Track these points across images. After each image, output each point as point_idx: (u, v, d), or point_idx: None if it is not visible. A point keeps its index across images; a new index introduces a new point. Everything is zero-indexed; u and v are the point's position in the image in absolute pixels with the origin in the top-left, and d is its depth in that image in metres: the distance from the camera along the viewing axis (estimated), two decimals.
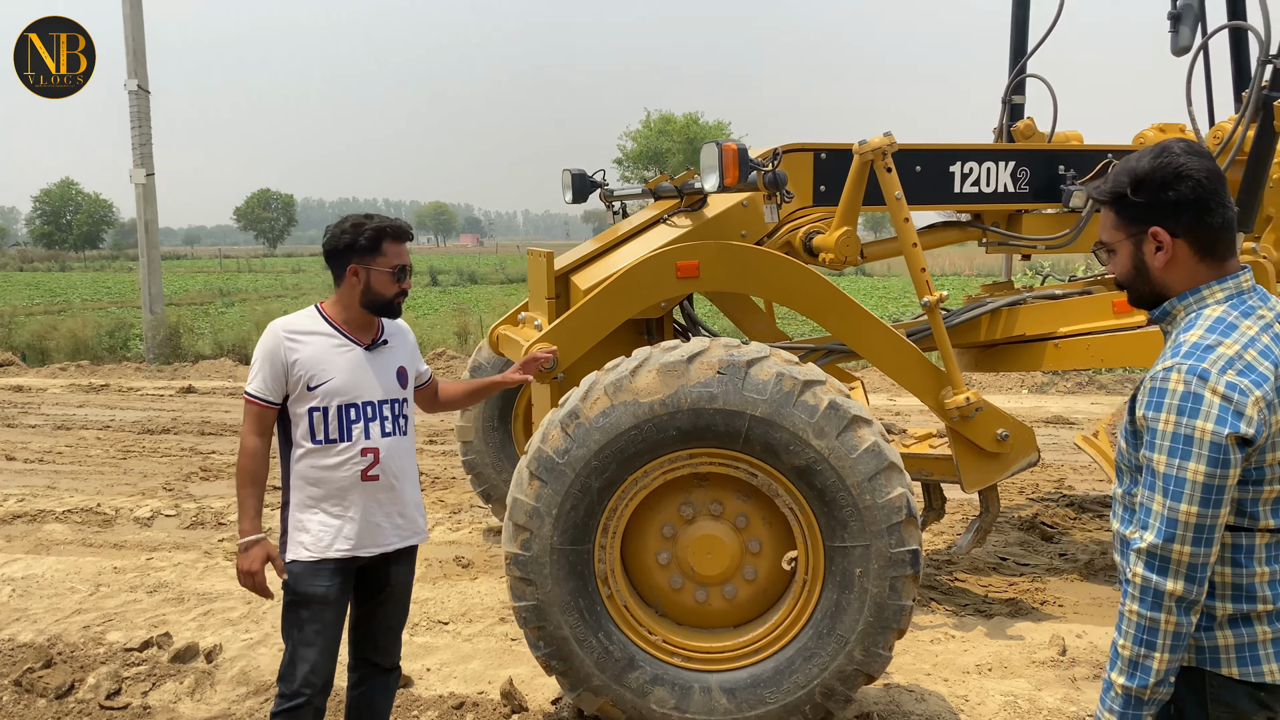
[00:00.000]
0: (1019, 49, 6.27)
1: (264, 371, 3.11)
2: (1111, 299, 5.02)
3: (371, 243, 3.14)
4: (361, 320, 3.22)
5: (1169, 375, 1.91)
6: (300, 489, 3.14)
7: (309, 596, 3.12)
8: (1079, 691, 4.03)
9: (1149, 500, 1.94)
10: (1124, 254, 2.07)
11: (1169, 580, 1.90)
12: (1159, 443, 1.91)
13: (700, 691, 3.63)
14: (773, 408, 3.47)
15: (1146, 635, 1.93)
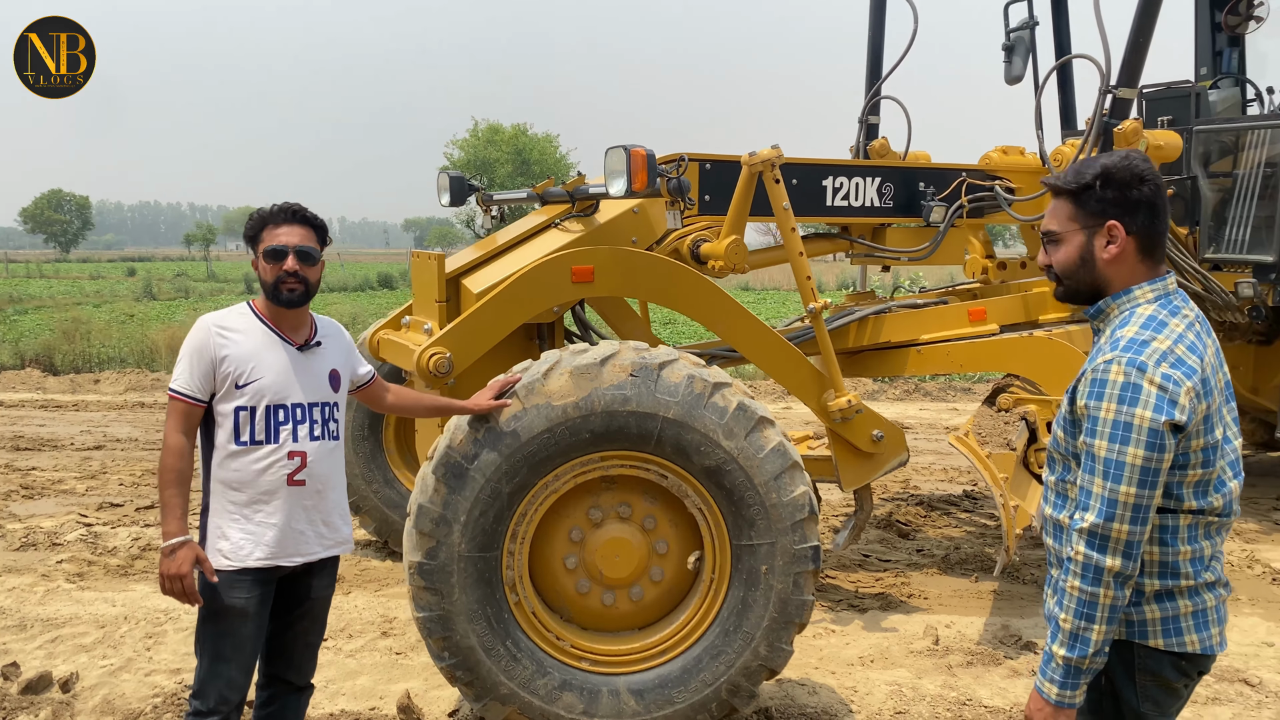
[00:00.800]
0: (874, 71, 6.61)
1: (192, 367, 2.93)
2: (968, 308, 5.35)
3: (255, 230, 3.04)
4: (287, 317, 3.06)
5: (1109, 367, 2.07)
6: (221, 494, 2.97)
7: (227, 609, 2.95)
8: (955, 678, 4.27)
9: (1089, 483, 2.09)
10: (1073, 245, 2.21)
11: (1108, 557, 2.05)
12: (1100, 429, 2.07)
13: (609, 695, 3.63)
14: (684, 409, 3.52)
15: (1087, 609, 2.08)
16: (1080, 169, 2.22)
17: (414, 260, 4.67)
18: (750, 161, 4.36)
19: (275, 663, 3.21)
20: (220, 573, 2.93)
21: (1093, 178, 2.17)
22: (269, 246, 2.99)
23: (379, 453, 5.65)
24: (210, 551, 2.96)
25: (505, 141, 49.08)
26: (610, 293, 4.45)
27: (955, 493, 7.28)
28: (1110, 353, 2.09)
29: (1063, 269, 2.25)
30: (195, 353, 2.94)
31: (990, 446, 4.66)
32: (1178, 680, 2.20)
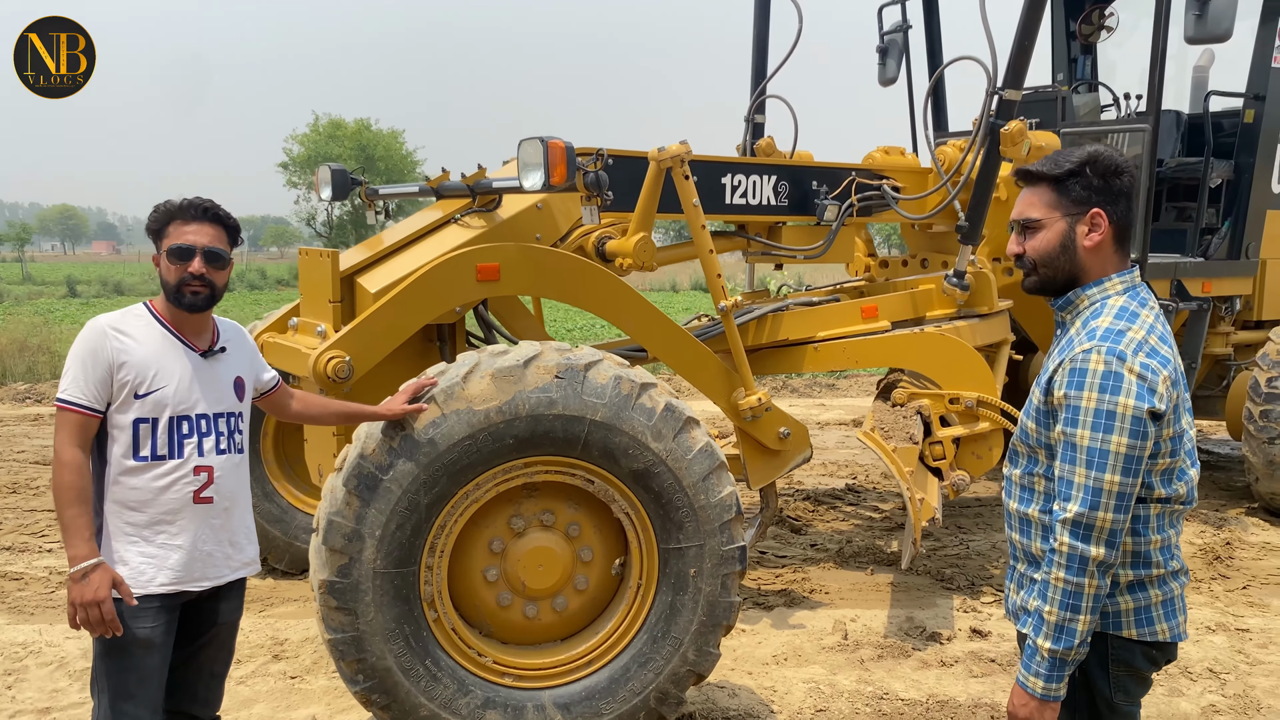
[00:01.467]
0: (759, 71, 6.64)
1: (85, 374, 2.65)
2: (860, 306, 5.41)
3: (158, 224, 2.79)
4: (190, 321, 2.80)
5: (1089, 356, 2.07)
6: (117, 514, 2.70)
7: (130, 641, 2.67)
8: (869, 672, 4.29)
9: (1069, 473, 2.09)
10: (1054, 231, 2.20)
11: (1093, 546, 2.05)
12: (1082, 419, 2.06)
13: (534, 710, 3.48)
14: (612, 411, 3.40)
15: (1072, 600, 2.08)
16: (1058, 159, 2.22)
17: (302, 258, 4.39)
18: (659, 157, 4.27)
19: (177, 696, 2.92)
20: (119, 602, 2.64)
21: (1078, 165, 2.17)
22: (175, 244, 2.74)
23: (257, 464, 5.29)
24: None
25: (348, 137, 47.62)
26: (517, 291, 4.30)
27: (838, 487, 7.40)
28: (1088, 342, 2.09)
29: (1041, 256, 2.23)
30: (88, 358, 2.66)
31: (894, 441, 4.72)
32: (1148, 669, 2.23)
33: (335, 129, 48.16)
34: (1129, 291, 2.19)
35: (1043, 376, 2.22)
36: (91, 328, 2.71)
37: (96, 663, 2.73)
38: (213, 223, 2.80)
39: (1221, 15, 5.39)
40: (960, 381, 5.13)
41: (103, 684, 2.72)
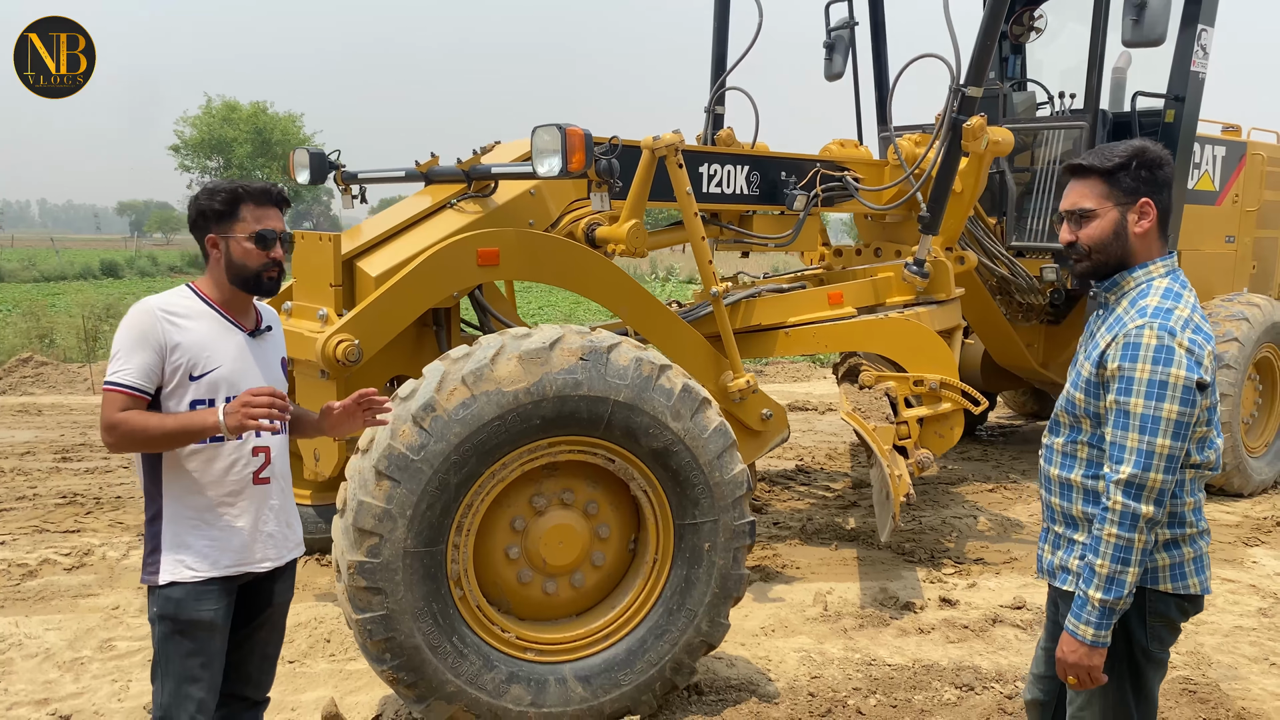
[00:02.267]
0: (719, 62, 6.79)
1: (137, 356, 2.61)
2: (827, 293, 5.62)
3: (227, 206, 2.74)
4: (239, 302, 2.79)
5: (1142, 332, 2.27)
6: (178, 499, 2.67)
7: (195, 623, 2.66)
8: (853, 640, 4.51)
9: (1122, 438, 2.28)
10: (1107, 220, 2.39)
11: (1144, 505, 2.25)
12: (1136, 388, 2.26)
13: (556, 683, 3.58)
14: (634, 392, 3.51)
15: (1123, 554, 2.28)
16: (1105, 152, 2.41)
17: (300, 242, 4.36)
18: (654, 145, 4.39)
19: (231, 678, 2.89)
20: (185, 585, 2.65)
21: (1127, 159, 2.37)
22: (259, 230, 2.73)
23: None
24: (170, 563, 2.64)
25: (243, 120, 46.25)
26: (515, 276, 4.37)
27: (788, 468, 7.64)
28: (1140, 319, 2.29)
29: (1095, 243, 2.41)
30: (140, 340, 2.62)
31: (873, 420, 4.94)
32: (1180, 620, 2.46)
33: (230, 111, 46.70)
34: (1171, 274, 2.41)
35: (1093, 352, 2.41)
36: (140, 310, 2.67)
37: (160, 647, 2.70)
38: (279, 206, 2.82)
39: (1156, 20, 5.75)
40: (923, 364, 5.39)
41: (168, 668, 2.69)
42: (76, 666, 4.10)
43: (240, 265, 2.73)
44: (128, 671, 4.08)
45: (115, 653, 4.23)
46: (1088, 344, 2.50)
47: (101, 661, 4.16)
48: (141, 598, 4.81)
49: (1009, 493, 7.05)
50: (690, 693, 3.94)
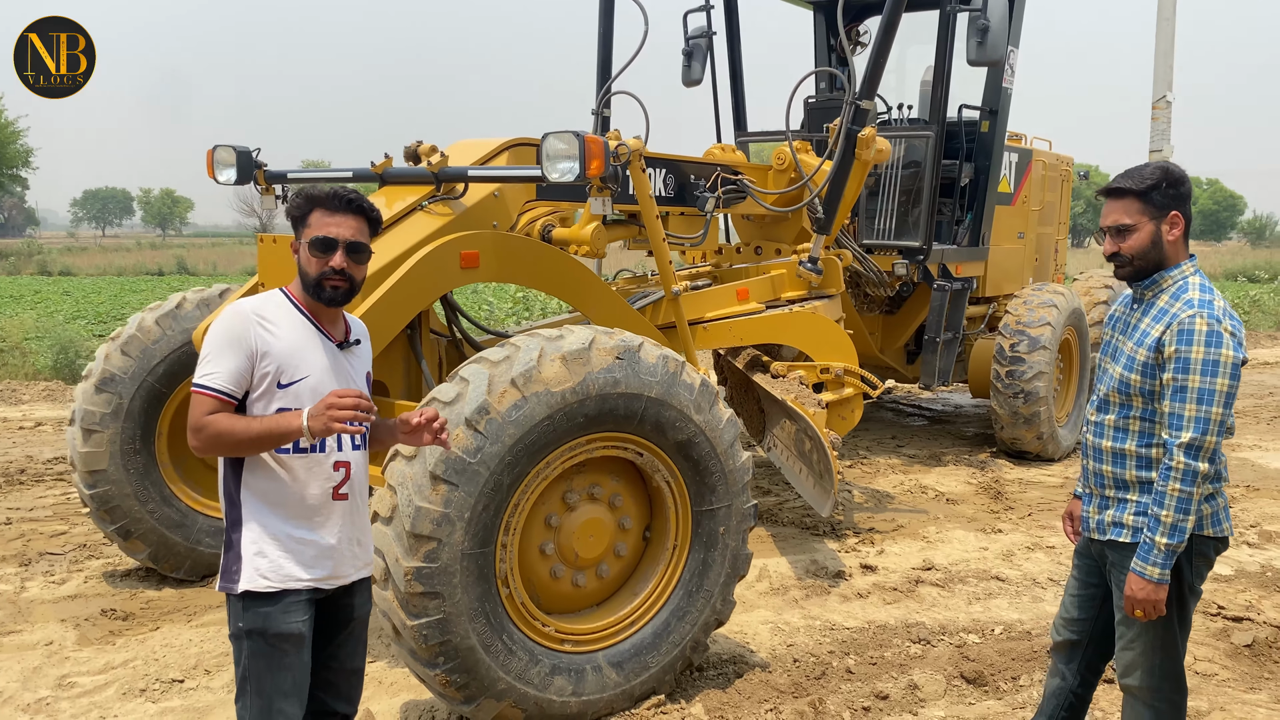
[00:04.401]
0: (605, 65, 6.99)
1: (228, 360, 2.56)
2: (735, 289, 5.99)
3: (301, 212, 2.71)
4: (327, 311, 2.74)
5: (1194, 320, 2.74)
6: (258, 508, 2.62)
7: (285, 636, 2.61)
8: (806, 609, 4.90)
9: (1181, 409, 2.74)
10: (1145, 232, 2.84)
11: (1201, 463, 2.73)
12: (1192, 367, 2.72)
13: (592, 671, 3.72)
14: (664, 388, 3.70)
15: (1184, 505, 2.74)
16: (1136, 174, 2.86)
17: (266, 245, 4.19)
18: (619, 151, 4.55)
19: (321, 695, 2.85)
20: (263, 595, 2.60)
21: (1157, 180, 2.83)
22: (317, 236, 2.67)
23: (153, 468, 4.90)
24: (247, 570, 2.60)
25: None
26: (491, 278, 4.41)
27: None
28: (1189, 310, 2.76)
29: (1137, 252, 2.87)
30: (233, 344, 2.58)
31: (810, 407, 5.34)
32: (1213, 558, 2.97)
33: None
34: (1198, 272, 2.90)
35: (1145, 339, 2.85)
36: (235, 313, 2.62)
37: (249, 664, 2.64)
38: (356, 214, 2.73)
39: (998, 43, 6.51)
40: (828, 353, 5.87)
41: (258, 685, 2.64)
42: (45, 708, 3.78)
43: (304, 272, 2.70)
44: (106, 707, 3.81)
45: (81, 690, 3.93)
46: (1128, 333, 2.95)
47: (71, 700, 3.85)
48: (75, 632, 4.46)
49: (867, 467, 7.72)
50: (691, 671, 4.17)
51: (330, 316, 2.77)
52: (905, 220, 7.59)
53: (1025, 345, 7.73)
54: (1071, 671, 3.27)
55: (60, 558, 5.43)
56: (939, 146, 7.28)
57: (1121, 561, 2.96)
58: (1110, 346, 3.04)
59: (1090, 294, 9.27)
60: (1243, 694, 4.15)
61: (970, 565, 5.56)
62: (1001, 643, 4.52)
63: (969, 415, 10.08)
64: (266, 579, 2.59)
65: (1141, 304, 2.96)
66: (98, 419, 4.75)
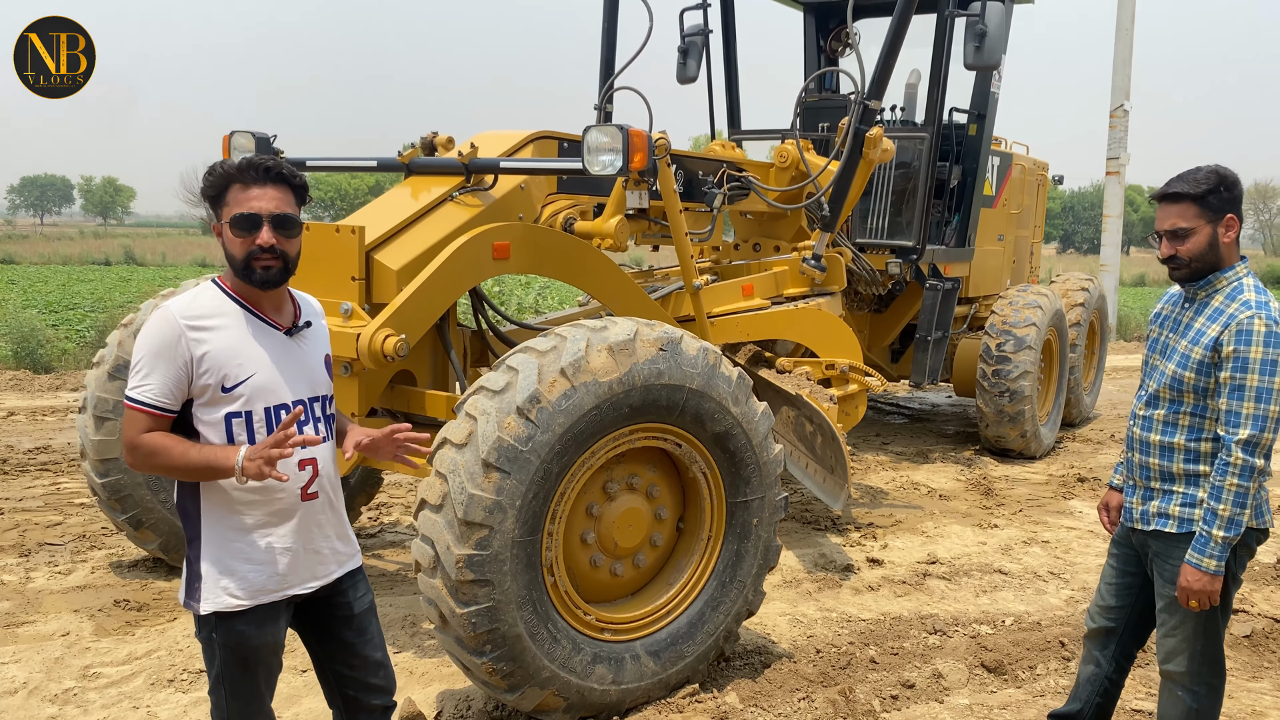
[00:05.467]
0: (609, 61, 7.01)
1: (159, 371, 2.37)
2: (741, 285, 6.04)
3: (216, 190, 2.44)
4: (273, 297, 2.52)
5: (1253, 321, 2.83)
6: (219, 522, 2.45)
7: (261, 649, 2.51)
8: (820, 601, 4.97)
9: (1239, 406, 2.83)
10: (1203, 235, 2.92)
11: (1258, 459, 2.83)
12: (1251, 366, 2.81)
13: (631, 660, 3.75)
14: (705, 380, 3.74)
15: (1241, 499, 2.84)
16: (1192, 178, 2.94)
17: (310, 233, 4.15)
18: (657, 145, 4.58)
19: (352, 694, 2.79)
20: (232, 614, 2.47)
21: (1213, 185, 2.91)
22: (239, 213, 2.41)
23: None
24: (212, 591, 2.44)
25: None
26: (521, 270, 4.42)
27: None
28: (1247, 311, 2.85)
29: (1193, 255, 2.94)
30: (161, 355, 2.37)
31: (825, 403, 5.40)
32: (1255, 548, 3.07)
33: None
34: (1250, 274, 3.00)
35: (1200, 338, 2.93)
36: (162, 321, 2.39)
37: (223, 671, 2.52)
38: (277, 184, 2.45)
39: (995, 47, 6.64)
40: (833, 349, 5.95)
41: (232, 689, 2.55)
42: (74, 699, 3.72)
43: (230, 255, 2.45)
44: (137, 698, 3.75)
45: (108, 680, 3.87)
46: (1180, 331, 3.03)
47: (99, 690, 3.79)
48: (90, 622, 4.39)
49: (856, 464, 7.83)
50: (721, 661, 4.21)
51: (273, 301, 2.53)
52: (898, 220, 7.71)
53: (1011, 345, 7.89)
54: (1106, 658, 3.36)
55: (60, 548, 5.33)
56: (934, 149, 7.40)
57: (1166, 551, 3.05)
58: (1160, 344, 3.11)
59: (1068, 295, 9.47)
60: (1246, 682, 4.29)
61: (972, 559, 5.67)
62: (1014, 633, 4.63)
63: (947, 413, 10.25)
64: (236, 598, 2.45)
65: (1194, 303, 3.04)
66: (111, 406, 4.67)
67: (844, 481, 5.13)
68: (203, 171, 2.57)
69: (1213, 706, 3.13)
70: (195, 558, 2.48)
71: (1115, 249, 18.64)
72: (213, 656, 2.53)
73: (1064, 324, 8.75)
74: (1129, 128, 18.07)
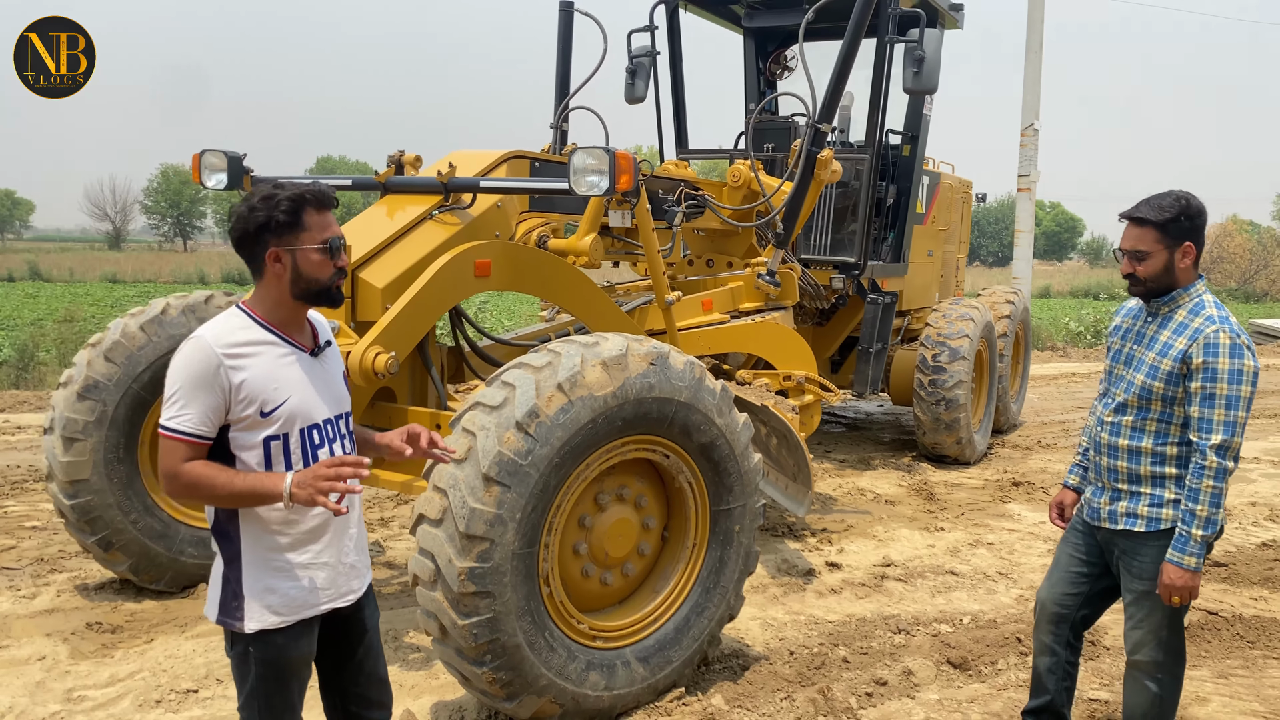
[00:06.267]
0: (564, 81, 7.13)
1: (198, 401, 2.42)
2: (700, 300, 6.22)
3: (290, 216, 2.51)
4: (297, 320, 2.63)
5: (1219, 334, 3.07)
6: (258, 540, 2.53)
7: (296, 661, 2.61)
8: (788, 606, 5.14)
9: (1210, 414, 3.05)
10: (1160, 259, 3.16)
11: (1230, 462, 3.06)
12: (1220, 376, 3.04)
13: (622, 666, 3.87)
14: (692, 393, 3.88)
15: (1218, 499, 3.07)
16: (1158, 204, 3.16)
17: None
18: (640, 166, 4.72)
19: (355, 710, 2.88)
20: (272, 630, 2.55)
21: (1176, 213, 3.15)
22: (330, 239, 2.55)
23: (136, 477, 4.78)
24: (255, 610, 2.52)
25: None
26: (500, 287, 4.52)
27: None
28: (1212, 325, 3.08)
29: (1149, 275, 3.18)
30: (201, 385, 2.43)
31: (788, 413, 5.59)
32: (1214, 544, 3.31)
33: None
34: (1207, 291, 3.26)
35: (1168, 350, 3.14)
36: (198, 349, 2.45)
37: (258, 686, 2.58)
38: (333, 209, 2.64)
39: (932, 73, 6.94)
40: (790, 362, 6.15)
41: (266, 702, 2.61)
42: None
43: (311, 279, 2.55)
44: (129, 718, 3.73)
45: (94, 702, 3.84)
46: (1146, 343, 3.23)
47: (86, 713, 3.76)
48: (65, 646, 4.33)
49: None
50: (702, 665, 4.35)
51: (298, 325, 2.64)
52: (839, 237, 7.98)
53: (946, 355, 8.22)
54: (1060, 644, 3.57)
55: (18, 572, 5.22)
56: (874, 169, 7.69)
57: (1134, 549, 3.28)
58: (1124, 355, 3.34)
59: (996, 308, 9.87)
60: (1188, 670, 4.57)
61: (924, 561, 5.91)
62: (972, 631, 4.86)
63: (881, 422, 10.58)
64: (279, 615, 2.54)
65: (1157, 317, 3.26)
66: (80, 427, 4.62)
67: (807, 488, 5.32)
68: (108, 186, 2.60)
69: (1174, 694, 3.38)
70: (235, 578, 2.53)
71: (1027, 263, 19.40)
72: (247, 672, 2.58)
73: (994, 335, 9.13)
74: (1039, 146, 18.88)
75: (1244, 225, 43.55)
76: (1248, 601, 5.34)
